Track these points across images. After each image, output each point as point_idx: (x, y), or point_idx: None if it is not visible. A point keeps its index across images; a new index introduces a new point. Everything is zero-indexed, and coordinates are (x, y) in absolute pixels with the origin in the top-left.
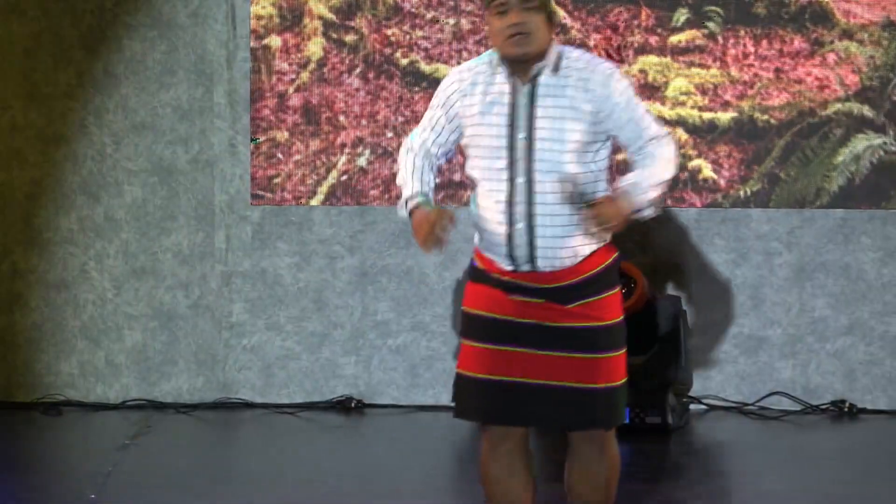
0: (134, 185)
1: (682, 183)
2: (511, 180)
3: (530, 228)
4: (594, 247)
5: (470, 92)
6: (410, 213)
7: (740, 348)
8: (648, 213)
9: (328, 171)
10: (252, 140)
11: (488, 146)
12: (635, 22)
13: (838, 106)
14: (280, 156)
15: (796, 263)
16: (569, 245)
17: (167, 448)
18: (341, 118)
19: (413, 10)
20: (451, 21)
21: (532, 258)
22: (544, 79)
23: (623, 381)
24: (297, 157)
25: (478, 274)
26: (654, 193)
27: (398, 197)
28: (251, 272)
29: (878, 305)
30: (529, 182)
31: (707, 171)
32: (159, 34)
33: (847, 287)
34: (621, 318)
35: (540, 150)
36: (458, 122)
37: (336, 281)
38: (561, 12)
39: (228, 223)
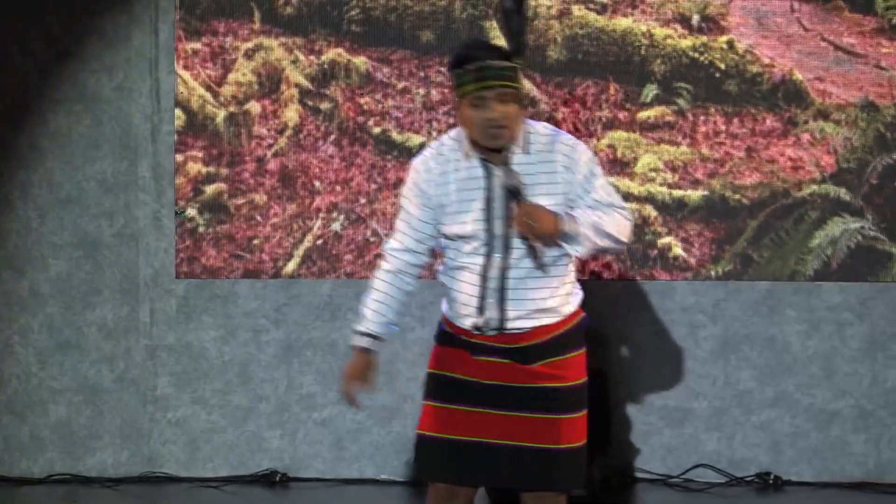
0: (59, 259)
1: (652, 260)
2: (487, 256)
3: (502, 301)
4: (561, 314)
5: (443, 181)
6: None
7: (665, 420)
8: (577, 248)
9: (304, 235)
10: (176, 213)
11: (466, 230)
12: (603, 97)
13: (814, 188)
14: (259, 218)
15: (721, 336)
16: (538, 315)
17: None
18: (316, 183)
19: (385, 79)
20: (422, 91)
21: (501, 328)
22: (517, 158)
23: (582, 442)
24: (275, 220)
25: (445, 337)
26: (590, 233)
27: (371, 262)
28: (176, 346)
29: (804, 378)
30: (505, 258)
31: (677, 250)
32: (84, 108)
33: (772, 359)
34: (584, 379)
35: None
36: (435, 214)
37: (261, 354)
38: (529, 85)
39: (153, 297)
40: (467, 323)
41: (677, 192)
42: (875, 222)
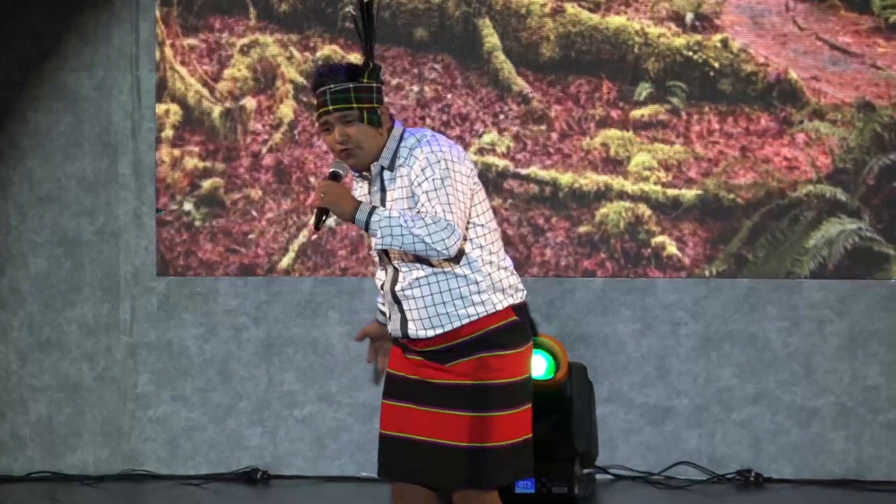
0: (39, 257)
1: (646, 259)
2: (385, 270)
3: (401, 312)
4: (469, 317)
5: (358, 192)
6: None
7: (646, 418)
8: (379, 240)
9: (298, 230)
10: (157, 211)
11: (368, 243)
12: (597, 95)
13: (809, 188)
14: (254, 213)
15: (702, 333)
16: (437, 323)
17: None
18: (311, 179)
19: None
20: (415, 88)
21: (405, 333)
22: (386, 174)
23: (502, 443)
24: (270, 214)
25: (393, 337)
26: (389, 226)
27: (365, 258)
28: (157, 343)
29: (785, 375)
30: (395, 270)
31: (671, 249)
32: (64, 106)
33: (753, 356)
34: (505, 380)
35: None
36: None
37: (242, 352)
38: (522, 82)
39: (134, 294)
40: (387, 328)
41: (671, 191)
42: (872, 223)
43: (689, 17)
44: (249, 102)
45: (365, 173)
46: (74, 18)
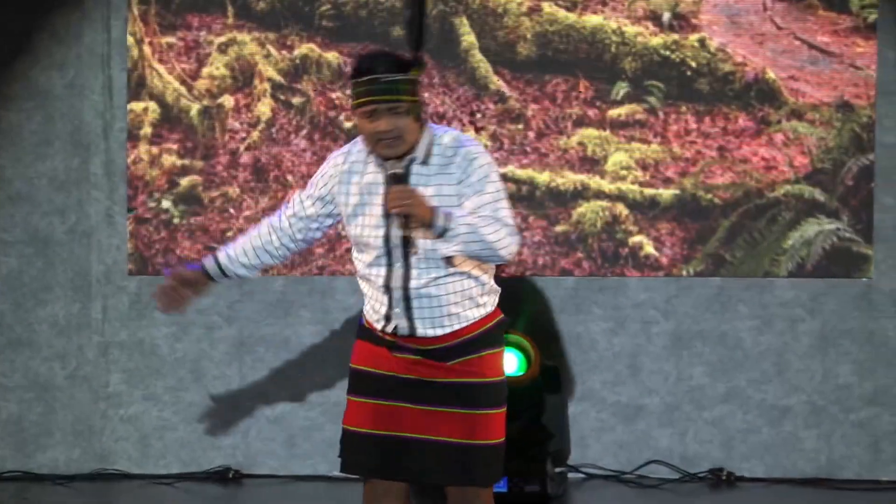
0: (10, 256)
1: (623, 259)
2: (389, 266)
3: (408, 310)
4: (474, 318)
5: (347, 181)
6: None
7: (618, 416)
8: (449, 245)
9: None
10: (129, 210)
11: (367, 235)
12: (573, 94)
13: (787, 188)
14: (232, 211)
15: (674, 332)
16: (447, 322)
17: None
18: (289, 177)
19: None
20: None
21: (412, 332)
22: (415, 169)
23: (501, 439)
24: (248, 212)
25: (364, 332)
26: (464, 232)
27: (343, 256)
28: (128, 343)
29: (756, 373)
30: (406, 268)
31: (649, 248)
32: (35, 105)
33: (724, 355)
34: (502, 377)
35: (413, 238)
36: (332, 207)
37: (214, 351)
38: (498, 81)
39: (105, 294)
40: (379, 327)
41: (649, 191)
42: (850, 224)
43: (667, 16)
44: (227, 100)
45: (371, 163)
46: (45, 17)
